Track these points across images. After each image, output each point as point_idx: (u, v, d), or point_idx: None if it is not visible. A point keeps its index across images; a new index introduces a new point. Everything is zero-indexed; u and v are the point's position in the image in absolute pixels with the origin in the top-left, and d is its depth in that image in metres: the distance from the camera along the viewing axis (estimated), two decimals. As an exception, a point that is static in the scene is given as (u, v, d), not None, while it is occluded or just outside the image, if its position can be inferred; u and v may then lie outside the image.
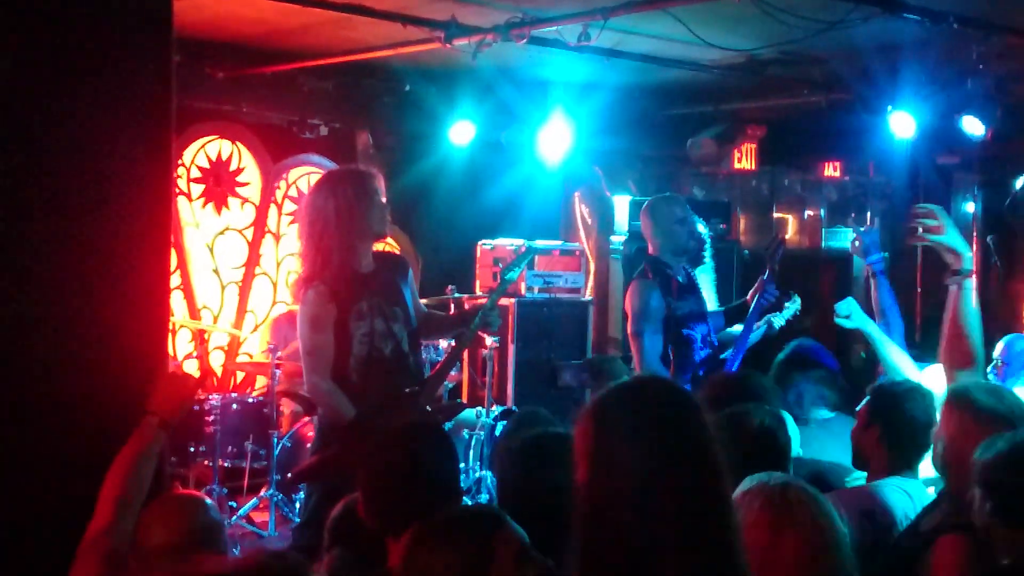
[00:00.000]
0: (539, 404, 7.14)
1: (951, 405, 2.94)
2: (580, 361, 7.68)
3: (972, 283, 3.28)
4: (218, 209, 8.01)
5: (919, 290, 9.38)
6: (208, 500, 2.79)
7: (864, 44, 6.24)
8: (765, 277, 5.20)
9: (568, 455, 2.68)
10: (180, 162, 7.68)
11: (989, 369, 4.58)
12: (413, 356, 4.28)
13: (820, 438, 4.02)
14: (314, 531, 3.44)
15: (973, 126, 6.98)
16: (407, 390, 4.16)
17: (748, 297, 5.28)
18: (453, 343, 4.58)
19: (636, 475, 1.74)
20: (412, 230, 8.54)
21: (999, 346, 5.07)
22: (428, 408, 4.24)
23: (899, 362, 4.09)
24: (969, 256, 3.34)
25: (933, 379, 3.66)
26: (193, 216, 7.87)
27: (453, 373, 6.86)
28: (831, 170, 9.73)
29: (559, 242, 8.42)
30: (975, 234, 9.64)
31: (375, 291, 4.20)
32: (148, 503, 2.70)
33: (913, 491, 3.22)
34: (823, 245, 9.69)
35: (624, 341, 6.64)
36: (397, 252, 7.21)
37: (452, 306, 7.15)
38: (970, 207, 9.84)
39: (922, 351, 4.54)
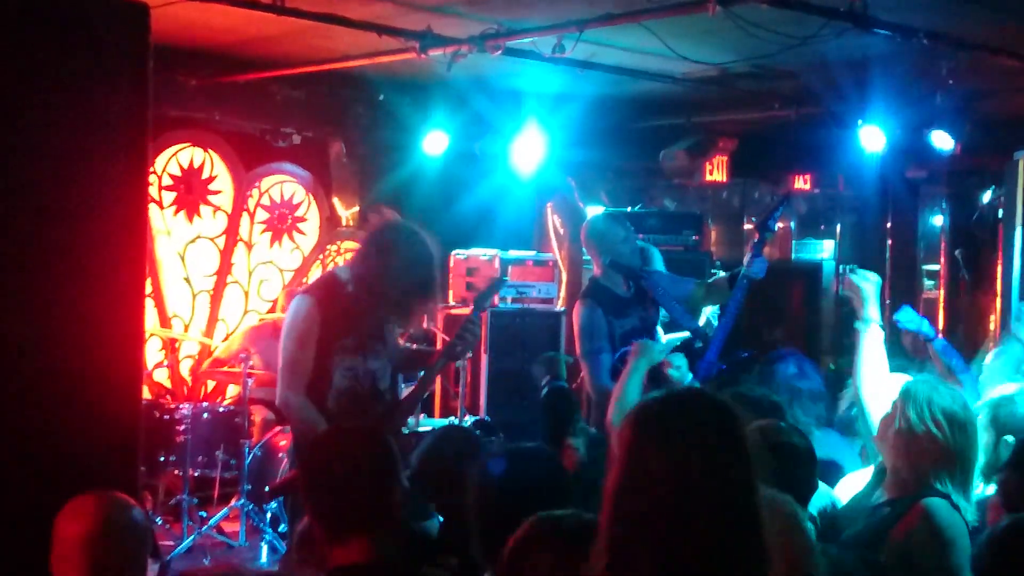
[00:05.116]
0: (511, 414, 7.18)
1: (901, 399, 3.24)
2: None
3: (869, 333, 3.70)
4: (190, 217, 7.96)
5: (888, 302, 9.47)
6: (134, 505, 2.69)
7: (835, 59, 6.31)
8: (755, 248, 4.98)
9: (543, 467, 2.71)
10: (152, 169, 7.63)
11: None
12: (391, 393, 4.30)
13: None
14: None
15: (942, 140, 7.07)
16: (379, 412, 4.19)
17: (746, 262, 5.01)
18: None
19: (670, 485, 1.75)
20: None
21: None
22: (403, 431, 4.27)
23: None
24: (866, 312, 3.75)
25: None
26: (164, 224, 7.83)
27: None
28: (801, 183, 9.81)
29: (532, 252, 8.44)
30: (943, 247, 9.76)
31: (362, 326, 4.19)
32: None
33: None
34: (793, 257, 9.77)
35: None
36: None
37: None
38: (938, 220, 9.96)
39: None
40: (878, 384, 3.61)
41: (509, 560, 2.18)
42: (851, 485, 3.76)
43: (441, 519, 3.25)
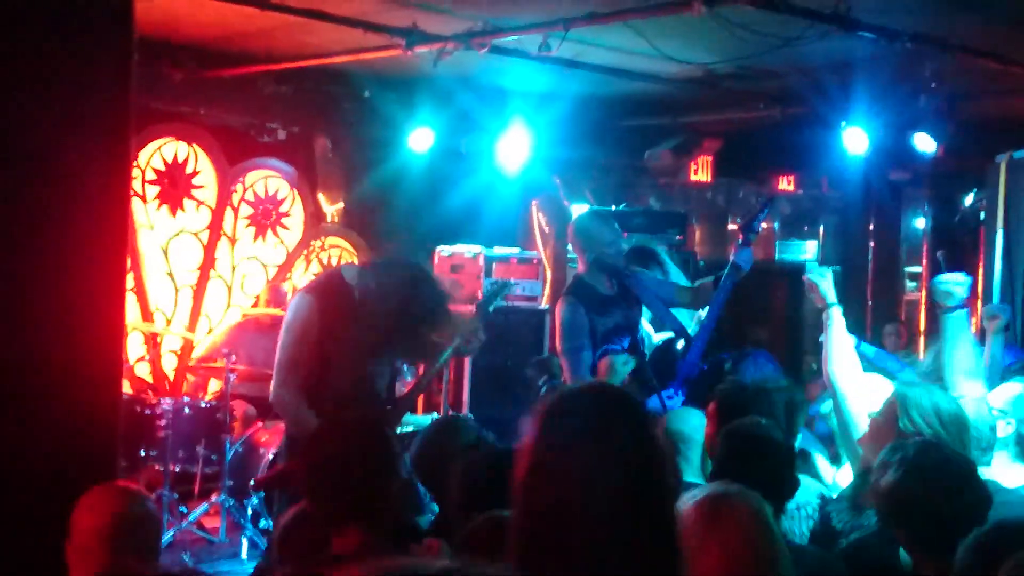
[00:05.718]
0: (494, 411, 7.16)
1: (900, 402, 3.26)
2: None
3: (834, 313, 3.85)
4: (173, 211, 7.94)
5: (870, 303, 9.52)
6: (147, 496, 2.81)
7: (819, 61, 6.34)
8: (739, 243, 4.97)
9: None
10: (135, 163, 7.60)
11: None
12: (389, 393, 4.32)
13: None
14: None
15: (925, 143, 7.10)
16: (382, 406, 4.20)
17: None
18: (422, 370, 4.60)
19: (570, 481, 1.70)
20: (370, 236, 8.52)
21: None
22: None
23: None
24: (827, 299, 3.91)
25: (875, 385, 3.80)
26: (147, 218, 7.80)
27: (408, 378, 6.86)
28: (785, 183, 9.85)
29: (517, 250, 8.44)
30: (925, 249, 9.82)
31: (364, 328, 4.16)
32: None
33: None
34: (777, 258, 9.80)
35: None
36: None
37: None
38: (920, 222, 10.01)
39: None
40: (849, 367, 3.65)
41: (457, 555, 2.19)
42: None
43: (437, 509, 3.27)
